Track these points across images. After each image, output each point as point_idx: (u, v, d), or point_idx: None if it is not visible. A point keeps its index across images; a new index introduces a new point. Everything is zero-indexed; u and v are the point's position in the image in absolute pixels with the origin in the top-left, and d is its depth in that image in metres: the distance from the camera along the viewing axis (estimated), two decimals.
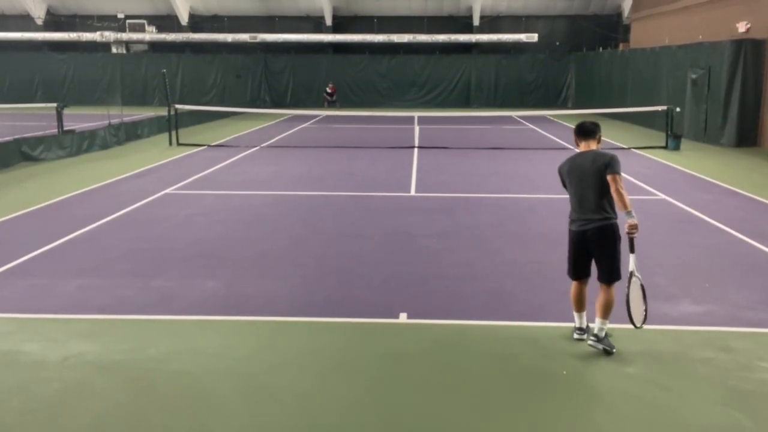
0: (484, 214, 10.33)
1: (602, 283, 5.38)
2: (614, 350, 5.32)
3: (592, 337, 5.34)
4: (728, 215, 10.10)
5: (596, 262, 5.45)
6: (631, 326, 5.40)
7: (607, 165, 5.27)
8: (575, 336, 5.62)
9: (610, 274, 5.34)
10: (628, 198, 5.19)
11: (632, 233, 5.19)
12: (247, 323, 6.03)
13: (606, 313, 5.33)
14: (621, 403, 4.60)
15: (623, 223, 5.22)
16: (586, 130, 5.60)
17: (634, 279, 5.29)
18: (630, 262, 5.32)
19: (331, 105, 31.81)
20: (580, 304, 5.63)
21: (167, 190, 12.11)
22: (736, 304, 6.43)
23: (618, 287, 5.38)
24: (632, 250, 5.33)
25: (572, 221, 5.60)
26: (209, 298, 6.62)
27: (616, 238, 5.38)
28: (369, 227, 9.49)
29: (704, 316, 6.17)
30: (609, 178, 5.23)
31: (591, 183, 5.36)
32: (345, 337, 5.75)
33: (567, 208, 5.71)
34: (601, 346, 5.29)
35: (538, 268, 7.58)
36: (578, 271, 5.58)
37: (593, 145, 5.57)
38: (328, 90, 32.32)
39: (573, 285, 5.64)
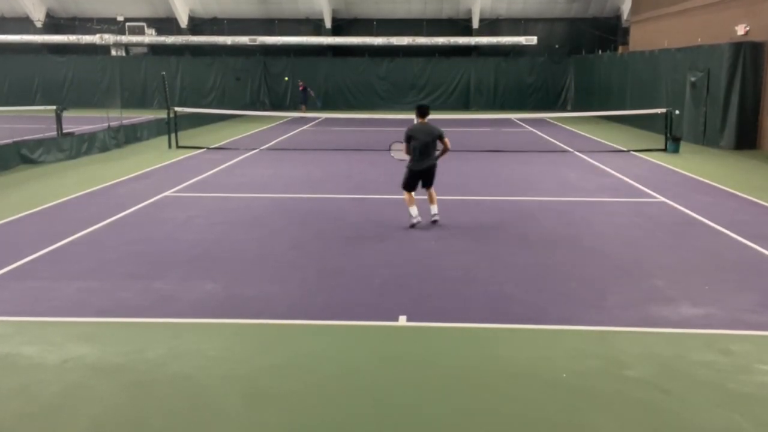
0: (483, 216, 10.33)
1: (428, 188, 9.56)
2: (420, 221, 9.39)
3: (437, 216, 9.52)
4: (727, 218, 10.10)
5: (424, 182, 9.51)
6: (630, 329, 5.53)
7: (440, 133, 9.35)
8: (416, 220, 9.32)
9: (432, 183, 9.56)
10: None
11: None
12: (246, 326, 6.03)
13: (435, 200, 9.65)
14: (621, 406, 4.59)
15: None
16: (426, 111, 9.51)
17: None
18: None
19: (305, 103, 31.50)
20: (413, 201, 9.45)
21: (166, 193, 12.10)
22: (735, 307, 6.42)
23: None
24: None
25: (415, 163, 9.38)
26: (208, 300, 6.61)
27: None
28: (368, 230, 9.48)
29: (704, 318, 6.17)
30: (446, 140, 9.45)
31: (431, 142, 9.32)
32: (344, 340, 5.74)
33: (566, 210, 5.72)
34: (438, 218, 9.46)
35: (538, 271, 7.57)
36: (413, 187, 9.46)
37: (425, 119, 9.41)
38: (299, 89, 32.00)
39: (408, 195, 9.45)
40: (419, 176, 9.38)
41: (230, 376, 5.02)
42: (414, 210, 9.37)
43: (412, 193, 9.44)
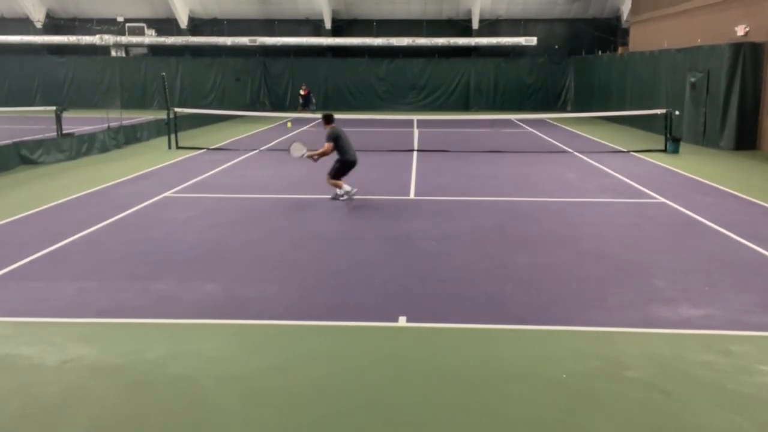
0: (483, 217, 10.33)
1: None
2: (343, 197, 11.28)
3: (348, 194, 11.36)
4: (727, 218, 10.10)
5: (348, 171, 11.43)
6: (630, 329, 5.61)
7: None
8: (345, 198, 11.28)
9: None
10: None
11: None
12: (245, 327, 6.02)
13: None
14: (620, 406, 4.59)
15: None
16: (333, 117, 11.49)
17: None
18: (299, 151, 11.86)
19: (306, 108, 31.59)
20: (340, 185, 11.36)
21: (166, 194, 12.10)
22: (735, 308, 6.42)
23: None
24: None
25: (349, 155, 11.24)
26: (208, 301, 6.60)
27: None
28: (368, 230, 9.48)
29: (704, 319, 6.17)
30: None
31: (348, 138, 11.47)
32: (344, 341, 5.74)
33: (566, 211, 5.71)
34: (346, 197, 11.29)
35: (538, 271, 7.57)
36: (342, 176, 11.33)
37: (333, 124, 11.38)
38: (302, 92, 32.22)
39: (337, 181, 11.29)
40: (352, 165, 11.32)
41: (229, 376, 5.02)
42: (347, 186, 11.39)
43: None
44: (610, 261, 7.98)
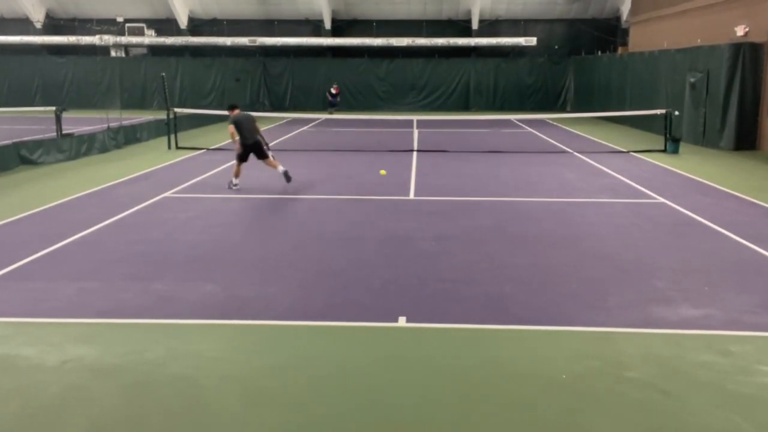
0: (483, 217, 10.33)
1: (266, 159, 12.72)
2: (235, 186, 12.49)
3: (287, 172, 12.56)
4: (727, 218, 10.10)
5: (258, 154, 12.55)
6: (630, 330, 5.58)
7: (254, 118, 12.67)
8: (237, 186, 12.41)
9: (264, 155, 12.66)
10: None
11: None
12: (245, 327, 6.02)
13: (276, 164, 12.80)
14: (620, 407, 4.59)
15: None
16: (236, 106, 12.82)
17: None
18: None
19: (333, 107, 32.04)
20: (240, 174, 12.52)
21: (166, 194, 12.10)
22: (735, 308, 6.42)
23: None
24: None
25: (247, 140, 12.32)
26: (208, 301, 6.61)
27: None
28: (368, 231, 9.48)
29: (703, 319, 6.17)
30: (257, 124, 12.61)
31: (251, 124, 12.46)
32: (344, 341, 5.74)
33: (566, 211, 5.71)
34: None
35: (538, 272, 7.57)
36: (245, 159, 12.47)
37: (237, 111, 12.59)
38: (333, 91, 32.50)
39: (239, 167, 12.43)
40: (250, 149, 12.45)
41: (229, 376, 5.02)
42: (237, 180, 12.52)
43: (242, 167, 12.54)
44: (610, 261, 7.99)
